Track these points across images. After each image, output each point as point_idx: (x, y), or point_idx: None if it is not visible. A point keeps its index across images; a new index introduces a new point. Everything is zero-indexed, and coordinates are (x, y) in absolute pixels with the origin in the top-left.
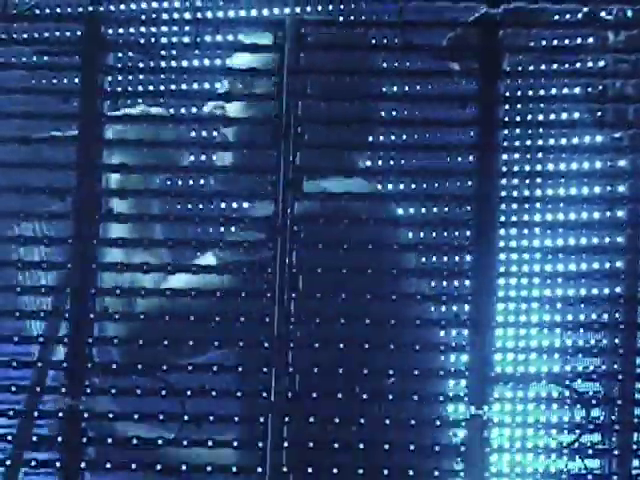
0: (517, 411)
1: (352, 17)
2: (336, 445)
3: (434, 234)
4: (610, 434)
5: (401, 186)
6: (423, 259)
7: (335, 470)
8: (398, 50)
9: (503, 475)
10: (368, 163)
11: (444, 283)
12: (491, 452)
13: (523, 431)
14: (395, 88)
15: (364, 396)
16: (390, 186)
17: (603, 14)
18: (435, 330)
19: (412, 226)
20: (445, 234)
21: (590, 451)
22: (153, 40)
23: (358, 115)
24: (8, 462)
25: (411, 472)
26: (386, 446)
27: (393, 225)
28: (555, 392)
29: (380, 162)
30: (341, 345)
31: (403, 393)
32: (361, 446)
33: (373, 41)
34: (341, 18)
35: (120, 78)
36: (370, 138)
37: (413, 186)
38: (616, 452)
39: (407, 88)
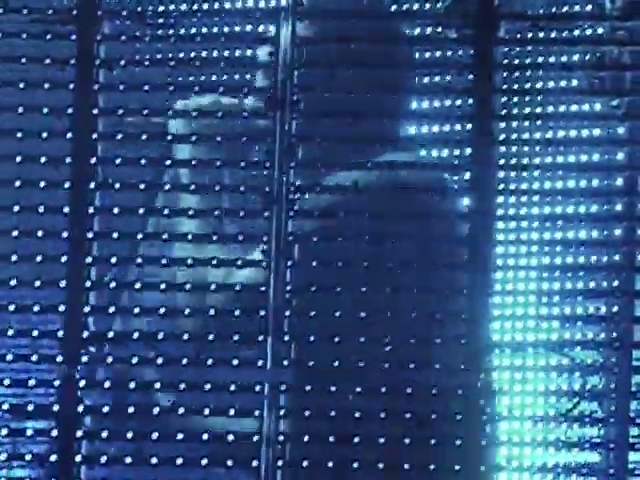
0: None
1: None
2: (333, 414)
3: None
4: (608, 402)
5: None
6: None
7: (332, 439)
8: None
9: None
10: None
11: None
12: (488, 421)
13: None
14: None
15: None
16: None
17: None
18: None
19: None
20: None
21: (587, 419)
22: (150, 8)
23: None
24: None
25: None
26: (382, 414)
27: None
28: (553, 360)
29: None
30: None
31: (399, 362)
32: (357, 415)
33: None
34: None
35: (117, 46)
36: None
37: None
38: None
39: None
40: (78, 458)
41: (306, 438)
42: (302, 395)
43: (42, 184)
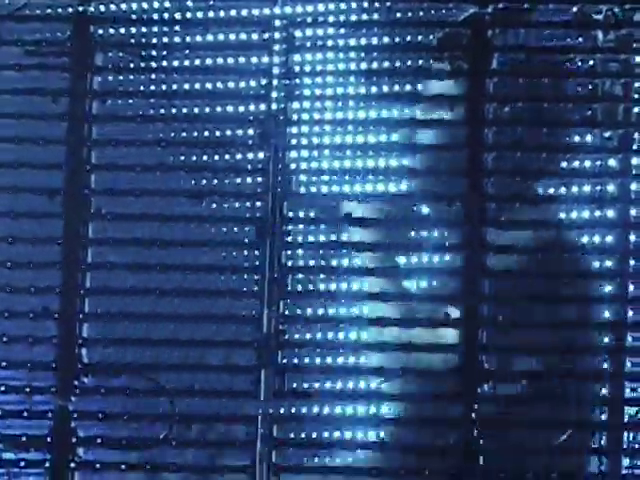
0: None
1: (342, 17)
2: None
3: None
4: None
5: None
6: None
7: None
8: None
9: None
10: None
11: None
12: None
13: None
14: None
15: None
16: None
17: (592, 14)
18: None
19: None
20: None
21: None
22: (143, 40)
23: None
24: None
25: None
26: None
27: None
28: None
29: None
30: None
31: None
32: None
33: None
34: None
35: (110, 78)
36: None
37: None
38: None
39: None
40: None
41: None
42: None
43: (37, 216)
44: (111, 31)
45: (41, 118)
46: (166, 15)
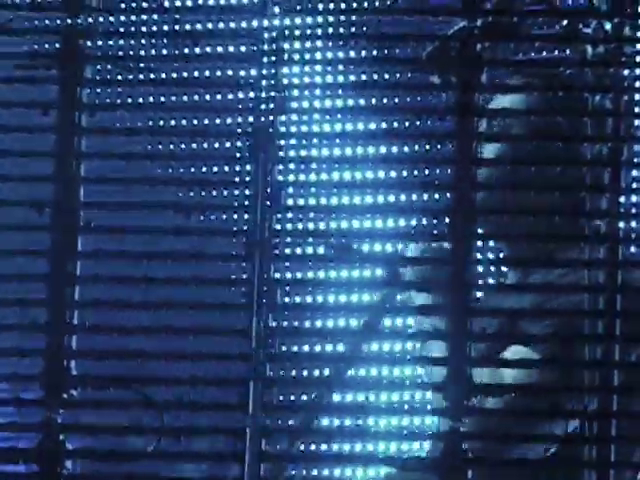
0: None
1: (331, 30)
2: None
3: None
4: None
5: None
6: None
7: None
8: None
9: None
10: None
11: None
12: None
13: None
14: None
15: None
16: None
17: (581, 28)
18: None
19: None
20: None
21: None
22: (132, 53)
23: None
24: None
25: None
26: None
27: None
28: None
29: None
30: None
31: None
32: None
33: None
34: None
35: (98, 91)
36: None
37: None
38: None
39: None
40: None
41: None
42: None
43: (25, 229)
44: (100, 44)
45: (29, 131)
46: (155, 27)
